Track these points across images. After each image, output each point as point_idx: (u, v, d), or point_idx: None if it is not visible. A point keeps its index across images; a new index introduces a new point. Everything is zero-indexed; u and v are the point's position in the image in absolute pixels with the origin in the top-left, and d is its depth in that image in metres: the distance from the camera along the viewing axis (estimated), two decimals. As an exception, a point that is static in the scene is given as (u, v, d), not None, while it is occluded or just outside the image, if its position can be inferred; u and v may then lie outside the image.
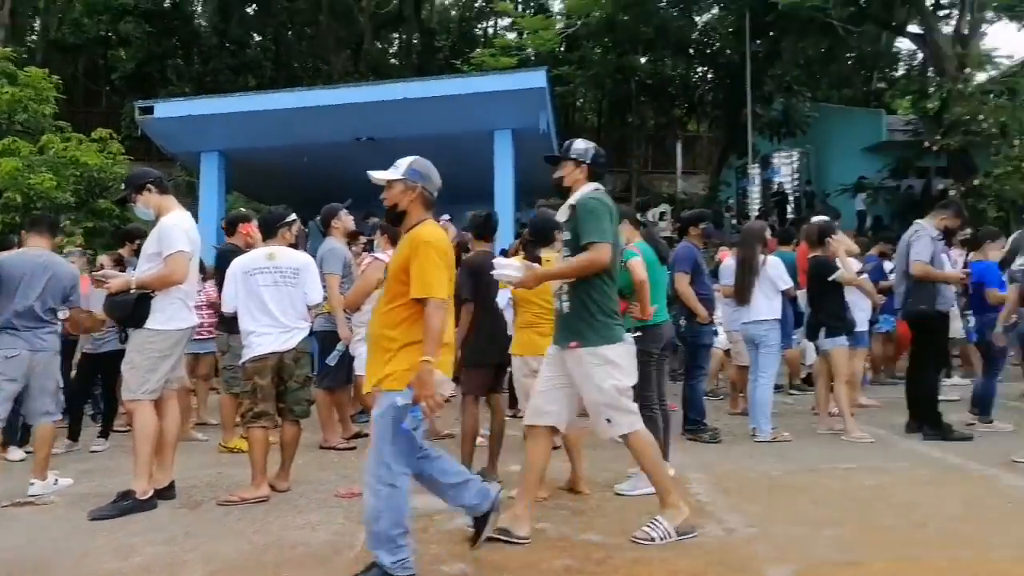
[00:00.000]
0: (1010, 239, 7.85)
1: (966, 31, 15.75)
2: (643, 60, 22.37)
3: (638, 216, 5.70)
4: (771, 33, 19.63)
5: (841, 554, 3.28)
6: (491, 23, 28.44)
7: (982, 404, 6.09)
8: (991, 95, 13.78)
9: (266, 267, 4.41)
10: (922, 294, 5.58)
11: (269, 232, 4.65)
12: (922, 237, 5.69)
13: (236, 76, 22.69)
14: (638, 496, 4.20)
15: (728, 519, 3.79)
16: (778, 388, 8.67)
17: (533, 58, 19.11)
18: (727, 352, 7.93)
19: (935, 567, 3.13)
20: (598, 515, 3.94)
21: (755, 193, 20.48)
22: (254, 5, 25.52)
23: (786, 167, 20.58)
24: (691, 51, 22.49)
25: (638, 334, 4.33)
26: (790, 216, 18.18)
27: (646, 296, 4.45)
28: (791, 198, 19.89)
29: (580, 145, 3.70)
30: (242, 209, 6.44)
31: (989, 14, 16.25)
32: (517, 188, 12.88)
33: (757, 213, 19.37)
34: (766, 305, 5.81)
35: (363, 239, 6.59)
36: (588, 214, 3.45)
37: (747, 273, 5.85)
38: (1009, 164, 12.90)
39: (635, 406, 3.53)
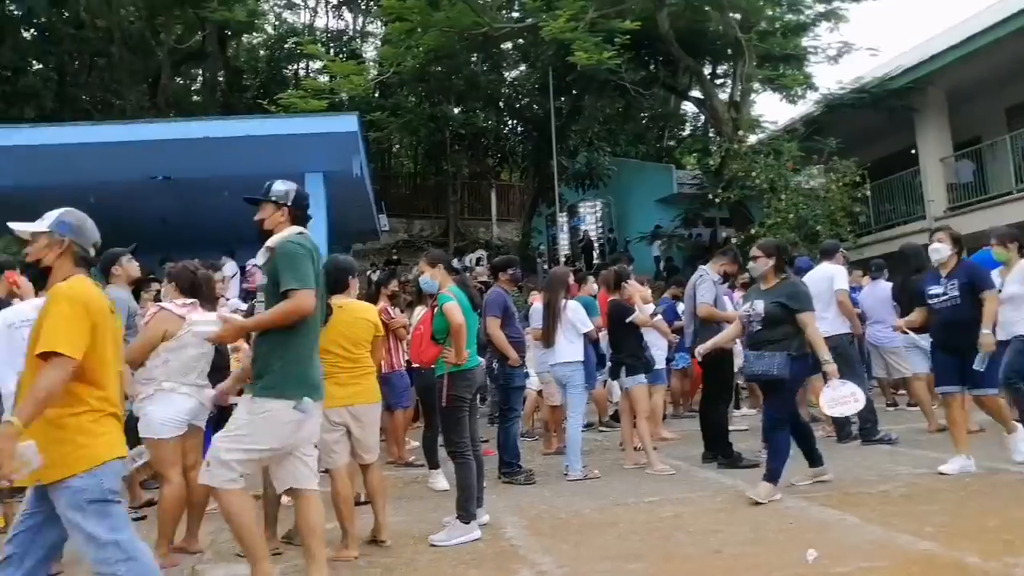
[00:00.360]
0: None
1: (738, 98, 17.71)
2: (456, 111, 22.99)
3: (455, 261, 5.74)
4: (573, 92, 20.96)
5: (645, 587, 3.39)
6: (302, 65, 27.91)
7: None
8: (761, 155, 15.48)
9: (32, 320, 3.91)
10: (708, 333, 6.05)
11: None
12: (705, 281, 6.23)
13: (8, 106, 20.40)
14: (454, 546, 4.13)
15: (540, 561, 3.81)
16: (589, 426, 9.02)
17: (346, 102, 18.97)
18: (540, 393, 8.12)
19: (729, 591, 3.32)
20: (410, 570, 3.81)
21: (564, 239, 21.56)
22: (32, 31, 23.21)
23: (591, 216, 21.90)
24: (501, 104, 23.43)
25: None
26: (596, 261, 19.28)
27: (462, 341, 4.44)
28: (596, 244, 21.14)
29: (280, 187, 3.54)
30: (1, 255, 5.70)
31: (756, 85, 18.39)
32: (331, 232, 12.57)
33: (565, 258, 20.36)
34: (568, 348, 6.04)
35: (156, 287, 6.06)
36: (287, 259, 3.28)
37: (551, 317, 6.07)
38: (778, 216, 14.51)
39: (239, 469, 3.23)
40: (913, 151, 16.80)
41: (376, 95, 21.27)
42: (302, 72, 27.34)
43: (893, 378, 8.17)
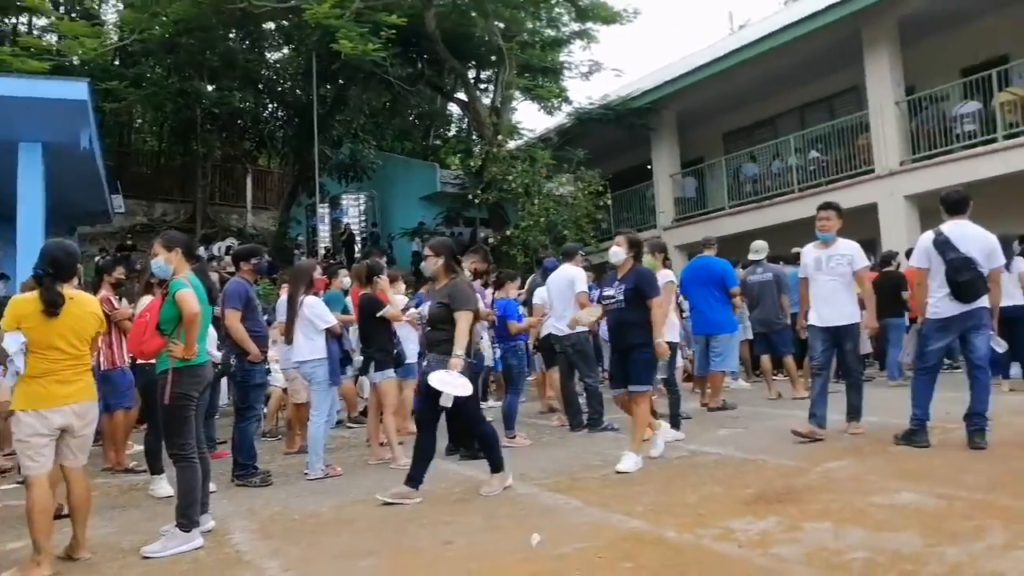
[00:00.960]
0: (528, 281, 9.25)
1: (499, 104, 18.43)
2: (210, 88, 21.35)
3: (201, 249, 5.28)
4: (340, 80, 20.46)
5: (374, 583, 3.35)
6: (23, 19, 24.25)
7: (507, 420, 6.95)
8: (518, 160, 16.25)
9: None
10: None
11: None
12: None
13: None
14: (170, 557, 3.79)
15: (267, 566, 3.62)
16: (338, 423, 8.81)
17: (79, 67, 16.81)
18: (285, 391, 7.78)
19: (455, 579, 3.37)
20: (116, 587, 3.43)
21: (324, 231, 20.98)
22: None
23: (354, 208, 21.57)
24: (261, 86, 22.20)
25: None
26: (357, 255, 19.00)
27: (194, 333, 4.09)
28: (358, 238, 20.83)
29: None
30: None
31: (516, 93, 19.25)
32: (51, 210, 11.08)
33: (325, 251, 19.83)
34: (307, 345, 5.84)
35: None
36: None
37: (291, 312, 5.84)
38: (531, 219, 15.33)
39: None
40: (649, 166, 18.62)
41: (116, 63, 19.12)
42: (23, 28, 23.76)
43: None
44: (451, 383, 4.67)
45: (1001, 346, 5.88)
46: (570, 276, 7.32)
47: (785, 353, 8.83)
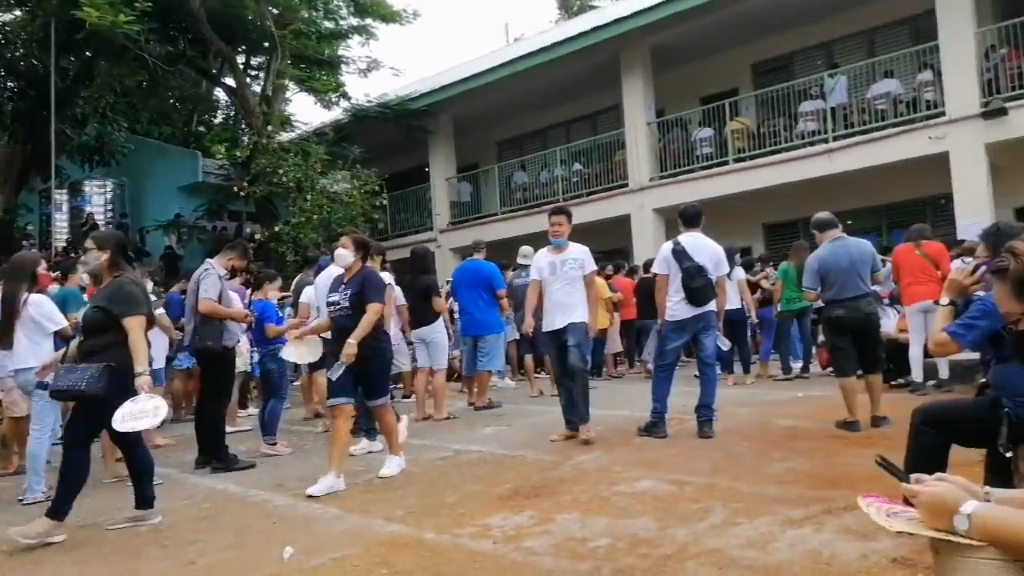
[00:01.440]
0: (295, 280, 8.88)
1: (270, 93, 17.53)
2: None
3: None
4: (86, 52, 18.22)
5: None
6: None
7: (266, 427, 6.54)
8: (290, 153, 15.55)
9: None
10: (210, 330, 5.73)
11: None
12: (210, 275, 5.88)
13: None
14: None
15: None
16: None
17: None
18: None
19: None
20: None
21: (63, 221, 18.62)
22: None
23: (99, 196, 19.36)
24: (-17, 49, 19.15)
25: None
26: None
27: None
28: (104, 229, 18.75)
29: None
30: None
31: (290, 84, 18.44)
32: None
33: (66, 243, 17.63)
34: (32, 349, 5.13)
35: None
36: None
37: (8, 313, 5.07)
38: (303, 215, 14.75)
39: None
40: (426, 168, 18.76)
41: None
42: None
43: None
44: (138, 415, 4.00)
45: (726, 344, 6.64)
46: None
47: (546, 353, 9.24)
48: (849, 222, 6.45)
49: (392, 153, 18.90)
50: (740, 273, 9.34)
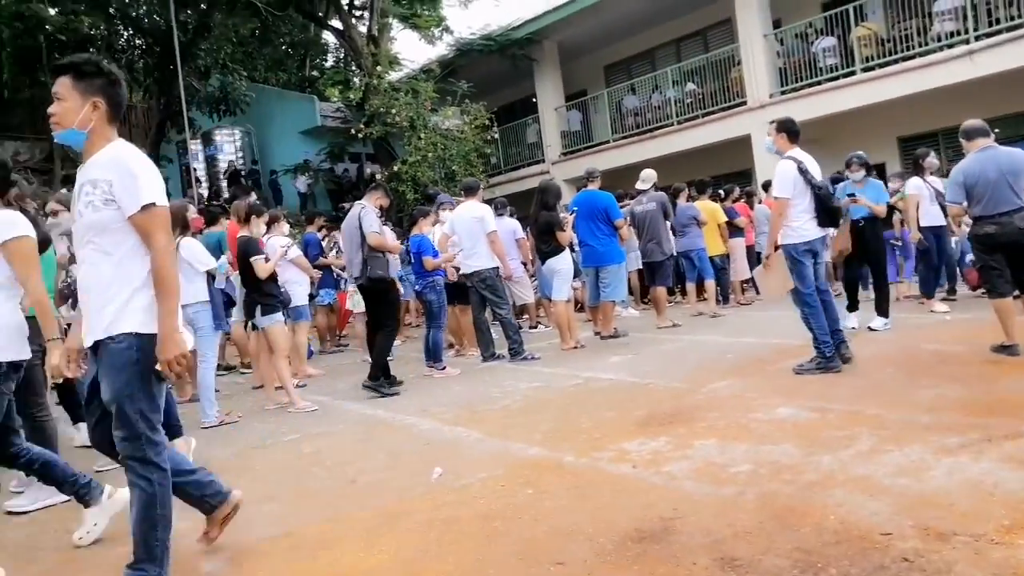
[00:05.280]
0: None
1: (376, 33, 17.69)
2: (52, 12, 19.28)
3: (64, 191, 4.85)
4: (202, 5, 18.96)
5: (276, 527, 3.31)
6: None
7: (433, 353, 7.04)
8: (400, 92, 15.75)
9: None
10: (378, 262, 6.16)
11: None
12: (369, 213, 6.24)
13: None
14: (39, 510, 3.64)
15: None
16: (230, 369, 8.54)
17: None
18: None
19: (360, 518, 3.36)
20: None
21: (200, 170, 19.76)
22: None
23: (229, 144, 20.35)
24: (112, 11, 20.26)
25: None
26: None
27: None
28: (243, 176, 19.79)
29: None
30: None
31: (394, 21, 18.50)
32: None
33: (209, 191, 18.73)
34: (188, 288, 5.56)
35: None
36: None
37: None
38: (418, 154, 15.02)
39: None
40: (534, 99, 18.53)
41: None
42: None
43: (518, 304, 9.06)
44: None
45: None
46: (478, 213, 7.43)
47: (660, 284, 9.11)
48: (996, 130, 5.87)
49: (499, 86, 18.76)
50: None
